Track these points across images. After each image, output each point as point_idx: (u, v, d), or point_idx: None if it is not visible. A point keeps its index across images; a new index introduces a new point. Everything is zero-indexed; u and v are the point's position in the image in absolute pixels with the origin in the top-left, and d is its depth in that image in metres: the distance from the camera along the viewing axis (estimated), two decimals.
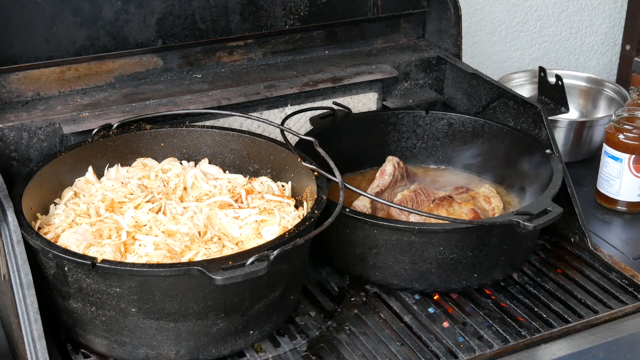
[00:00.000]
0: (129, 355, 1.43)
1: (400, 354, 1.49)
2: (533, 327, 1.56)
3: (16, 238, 1.40)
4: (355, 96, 2.00)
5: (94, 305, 1.38)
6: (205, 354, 1.44)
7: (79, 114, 1.74)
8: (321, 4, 2.01)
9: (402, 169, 1.85)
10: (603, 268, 1.72)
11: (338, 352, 1.49)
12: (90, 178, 1.64)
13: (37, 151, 1.71)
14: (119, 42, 1.84)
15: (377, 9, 2.08)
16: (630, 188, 1.95)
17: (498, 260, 1.62)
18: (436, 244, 1.55)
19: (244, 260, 1.30)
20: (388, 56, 2.07)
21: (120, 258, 1.43)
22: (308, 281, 1.67)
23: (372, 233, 1.57)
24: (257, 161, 1.71)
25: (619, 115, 1.96)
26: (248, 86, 1.88)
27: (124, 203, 1.56)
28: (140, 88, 1.86)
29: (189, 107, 1.79)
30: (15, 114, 1.73)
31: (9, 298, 1.44)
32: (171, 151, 1.73)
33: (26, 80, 1.78)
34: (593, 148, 2.18)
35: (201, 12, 1.90)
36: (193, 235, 1.50)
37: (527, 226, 1.49)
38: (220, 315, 1.40)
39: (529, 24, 2.59)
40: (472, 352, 1.49)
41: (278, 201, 1.59)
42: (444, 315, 1.59)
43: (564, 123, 2.13)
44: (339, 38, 2.07)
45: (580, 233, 1.78)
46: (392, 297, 1.63)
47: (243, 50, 1.97)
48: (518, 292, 1.66)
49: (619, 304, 1.62)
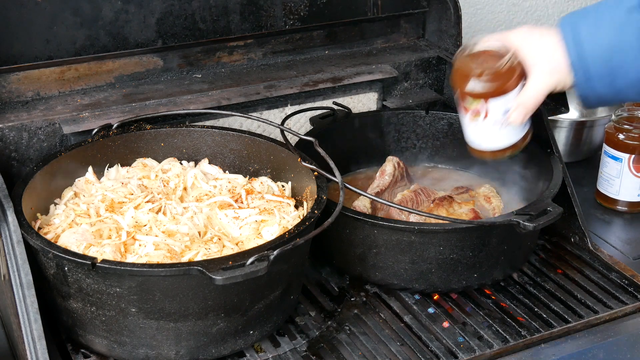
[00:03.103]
0: (129, 355, 1.43)
1: (400, 354, 1.49)
2: (533, 327, 1.56)
3: (16, 238, 1.40)
4: (355, 96, 2.00)
5: (94, 305, 1.38)
6: (205, 354, 1.44)
7: (79, 114, 1.74)
8: (321, 4, 2.01)
9: (402, 169, 1.85)
10: (603, 268, 1.72)
11: (338, 352, 1.49)
12: (90, 178, 1.64)
13: (37, 151, 1.71)
14: (119, 42, 1.84)
15: (377, 9, 2.08)
16: (630, 188, 1.95)
17: (498, 260, 1.62)
18: (436, 244, 1.55)
19: (244, 260, 1.30)
20: (388, 56, 2.07)
21: (120, 258, 1.43)
22: (308, 281, 1.67)
23: (372, 233, 1.57)
24: (257, 161, 1.71)
25: (619, 115, 1.97)
26: (248, 86, 1.88)
27: (124, 203, 1.56)
28: (140, 88, 1.86)
29: (189, 107, 1.79)
30: (15, 114, 1.73)
31: (9, 298, 1.44)
32: (171, 151, 1.73)
33: (26, 80, 1.78)
34: (593, 148, 2.18)
35: (201, 12, 1.90)
36: (193, 236, 1.50)
37: (527, 226, 1.49)
38: (220, 315, 1.40)
39: (529, 24, 2.59)
40: (472, 352, 1.49)
41: (278, 201, 1.59)
42: (444, 315, 1.59)
43: (564, 123, 2.14)
44: (339, 38, 2.07)
45: (580, 233, 1.78)
46: (392, 297, 1.63)
47: (243, 50, 1.97)
48: (518, 292, 1.66)
49: (619, 304, 1.62)
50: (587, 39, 1.42)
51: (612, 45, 1.40)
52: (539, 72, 1.48)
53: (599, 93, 1.45)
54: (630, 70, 1.40)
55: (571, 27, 1.44)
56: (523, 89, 1.51)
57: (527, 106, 1.51)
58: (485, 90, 1.53)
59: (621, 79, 1.41)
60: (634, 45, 1.38)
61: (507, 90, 1.52)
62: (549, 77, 1.48)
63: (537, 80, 1.49)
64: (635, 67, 1.40)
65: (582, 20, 1.43)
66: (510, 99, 1.53)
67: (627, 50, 1.39)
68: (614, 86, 1.42)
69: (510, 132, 1.58)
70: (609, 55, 1.40)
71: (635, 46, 1.38)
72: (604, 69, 1.41)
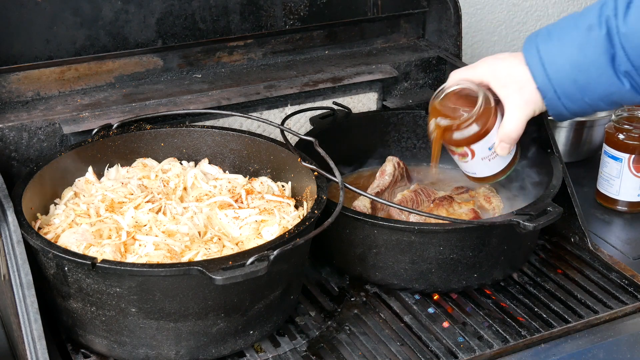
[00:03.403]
0: (129, 355, 1.43)
1: (400, 354, 1.49)
2: (533, 327, 1.56)
3: (16, 238, 1.40)
4: (355, 96, 2.00)
5: (94, 305, 1.38)
6: (205, 354, 1.44)
7: (79, 114, 1.74)
8: (321, 4, 2.01)
9: (402, 169, 1.85)
10: (603, 268, 1.72)
11: (338, 352, 1.49)
12: (90, 178, 1.64)
13: (37, 151, 1.71)
14: (119, 42, 1.84)
15: (377, 9, 2.08)
16: (630, 188, 1.95)
17: (498, 260, 1.62)
18: (436, 244, 1.55)
19: (244, 260, 1.30)
20: (388, 56, 2.07)
21: (120, 258, 1.43)
22: (308, 281, 1.67)
23: (372, 233, 1.57)
24: (257, 161, 1.71)
25: (619, 115, 1.97)
26: (248, 86, 1.88)
27: (124, 203, 1.56)
28: (140, 88, 1.86)
29: (189, 107, 1.79)
30: (15, 114, 1.73)
31: (9, 298, 1.44)
32: (171, 151, 1.73)
33: (26, 80, 1.78)
34: (593, 148, 2.18)
35: (201, 12, 1.90)
36: (193, 236, 1.50)
37: (527, 226, 1.49)
38: (220, 315, 1.40)
39: (529, 24, 2.59)
40: (472, 352, 1.49)
41: (278, 201, 1.59)
42: (444, 315, 1.59)
43: (564, 123, 2.13)
44: (339, 38, 2.08)
45: (580, 233, 1.78)
46: (392, 297, 1.63)
47: (243, 50, 1.97)
48: (518, 292, 1.66)
49: (619, 304, 1.62)
50: (550, 61, 1.45)
51: (576, 65, 1.43)
52: (514, 106, 1.52)
53: (570, 110, 1.48)
54: (597, 87, 1.43)
55: (536, 51, 1.46)
56: (502, 124, 1.56)
57: (510, 139, 1.56)
58: (466, 138, 1.58)
59: (589, 96, 1.45)
60: (596, 63, 1.41)
61: (487, 132, 1.58)
62: (524, 108, 1.52)
63: (514, 115, 1.53)
64: (602, 84, 1.43)
65: (546, 43, 1.46)
66: (493, 136, 1.58)
67: (590, 68, 1.42)
68: (584, 102, 1.47)
69: (500, 160, 1.63)
70: (574, 75, 1.44)
71: (597, 64, 1.40)
72: (571, 88, 1.45)
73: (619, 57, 1.39)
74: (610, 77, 1.41)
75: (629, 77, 1.41)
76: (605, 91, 1.43)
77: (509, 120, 1.53)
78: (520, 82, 1.49)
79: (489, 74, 1.54)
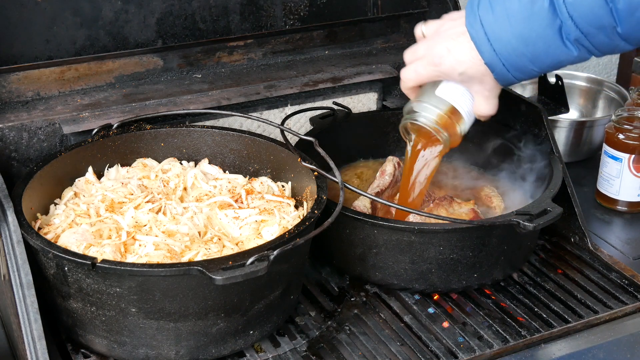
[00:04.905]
0: (129, 355, 1.43)
1: (400, 354, 1.49)
2: (533, 327, 1.56)
3: (16, 238, 1.40)
4: (355, 96, 2.00)
5: (94, 305, 1.38)
6: (205, 354, 1.44)
7: (79, 114, 1.74)
8: (321, 4, 2.01)
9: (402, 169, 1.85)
10: (603, 268, 1.72)
11: (338, 352, 1.49)
12: (90, 178, 1.64)
13: (37, 151, 1.71)
14: (119, 42, 1.84)
15: (377, 9, 2.08)
16: (630, 188, 1.95)
17: (498, 260, 1.62)
18: (436, 244, 1.55)
19: (244, 260, 1.30)
20: (388, 56, 2.07)
21: (120, 258, 1.43)
22: (308, 281, 1.67)
23: (372, 233, 1.57)
24: (257, 161, 1.71)
25: (619, 115, 1.96)
26: (248, 86, 1.88)
27: (124, 203, 1.56)
28: (140, 88, 1.86)
29: (189, 107, 1.79)
30: (15, 114, 1.73)
31: (9, 298, 1.44)
32: (171, 151, 1.73)
33: (26, 80, 1.78)
34: (593, 148, 2.18)
35: (201, 12, 1.90)
36: (193, 236, 1.50)
37: (527, 226, 1.49)
38: (220, 315, 1.40)
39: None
40: (472, 352, 1.49)
41: (278, 201, 1.59)
42: (444, 315, 1.59)
43: (564, 123, 2.14)
44: (339, 38, 2.08)
45: (580, 233, 1.78)
46: (392, 297, 1.63)
47: (243, 50, 1.97)
48: (518, 292, 1.66)
49: (619, 304, 1.62)
50: (496, 38, 1.42)
51: (522, 39, 1.41)
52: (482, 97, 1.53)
53: (519, 78, 1.47)
54: (546, 58, 1.42)
55: (480, 26, 1.43)
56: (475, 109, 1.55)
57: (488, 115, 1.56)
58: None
59: (538, 65, 1.44)
60: (543, 35, 1.39)
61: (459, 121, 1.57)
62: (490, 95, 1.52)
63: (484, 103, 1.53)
64: (550, 54, 1.41)
65: (488, 16, 1.43)
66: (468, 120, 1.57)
67: (537, 42, 1.40)
68: (533, 71, 1.45)
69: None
70: (521, 48, 1.41)
71: (544, 35, 1.39)
72: (520, 61, 1.43)
73: (567, 26, 1.36)
74: (559, 47, 1.39)
75: (577, 44, 1.39)
76: (555, 60, 1.42)
77: (482, 106, 1.54)
78: (477, 75, 1.48)
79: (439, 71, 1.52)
